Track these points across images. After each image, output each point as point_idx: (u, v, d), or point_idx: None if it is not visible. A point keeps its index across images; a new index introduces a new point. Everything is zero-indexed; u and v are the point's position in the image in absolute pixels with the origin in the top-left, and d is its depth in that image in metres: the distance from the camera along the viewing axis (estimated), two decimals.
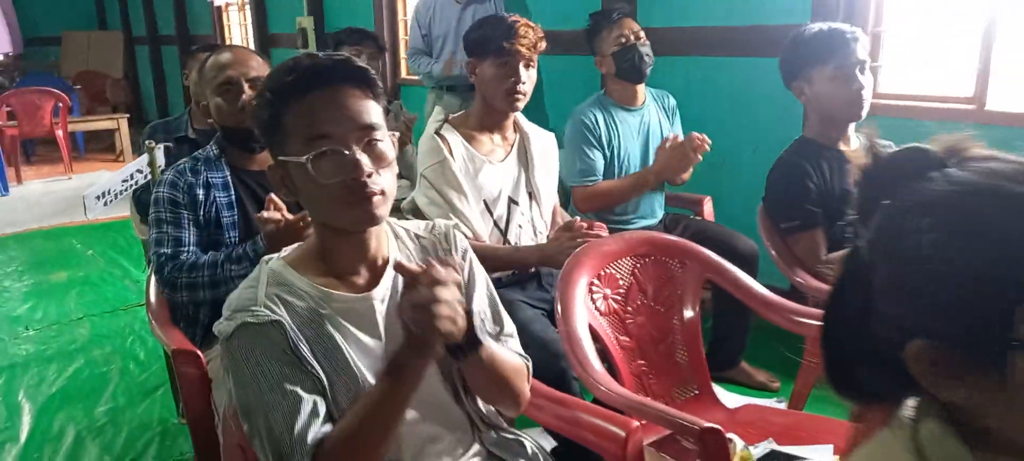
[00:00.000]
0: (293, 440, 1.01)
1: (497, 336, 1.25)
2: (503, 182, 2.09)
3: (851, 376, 0.68)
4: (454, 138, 2.03)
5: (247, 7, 6.75)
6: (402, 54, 5.21)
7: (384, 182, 1.08)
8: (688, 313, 1.75)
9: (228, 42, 7.50)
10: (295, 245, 1.21)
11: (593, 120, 2.56)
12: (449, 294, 0.98)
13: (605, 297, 1.66)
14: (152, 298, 1.81)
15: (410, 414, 1.13)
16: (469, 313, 1.07)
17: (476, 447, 1.22)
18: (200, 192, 1.75)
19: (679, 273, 1.77)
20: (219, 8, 7.25)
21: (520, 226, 2.11)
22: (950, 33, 2.68)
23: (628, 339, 1.67)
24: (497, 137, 2.11)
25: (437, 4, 3.90)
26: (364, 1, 5.31)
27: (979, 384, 0.59)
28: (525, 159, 2.14)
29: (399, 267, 1.02)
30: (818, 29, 2.06)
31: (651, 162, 2.59)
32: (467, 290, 1.23)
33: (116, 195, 2.03)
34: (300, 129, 1.06)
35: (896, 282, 0.62)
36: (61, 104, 6.70)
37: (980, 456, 0.62)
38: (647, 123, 2.66)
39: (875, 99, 2.84)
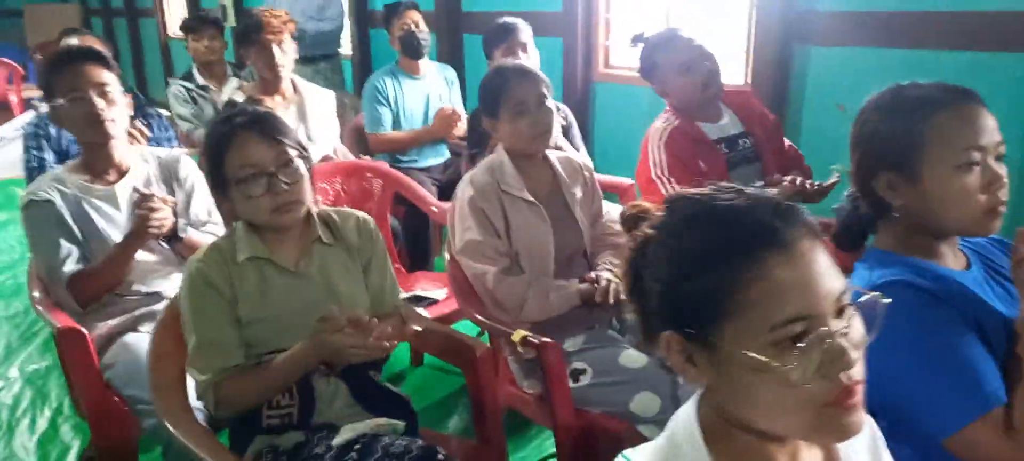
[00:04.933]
0: (56, 267, 1.88)
1: (204, 224, 2.12)
2: None
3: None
4: (242, 102, 2.88)
5: None
6: None
7: (112, 113, 1.93)
8: (385, 216, 2.64)
9: (166, 15, 8.29)
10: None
11: (383, 84, 3.41)
12: (158, 211, 1.87)
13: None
14: None
15: (138, 254, 2.01)
16: (176, 222, 1.95)
17: (179, 272, 2.08)
18: (53, 131, 2.63)
19: (376, 188, 2.65)
20: None
21: None
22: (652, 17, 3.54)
23: None
24: (278, 98, 2.95)
25: None
26: None
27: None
28: (303, 112, 2.99)
29: (135, 190, 1.90)
30: (503, 21, 2.92)
31: (431, 120, 3.47)
32: (188, 197, 2.10)
33: (7, 141, 2.89)
34: (64, 85, 1.90)
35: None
36: (13, 73, 7.47)
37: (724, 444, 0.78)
38: (428, 89, 3.51)
39: (606, 69, 3.73)
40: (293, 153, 1.47)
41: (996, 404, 1.01)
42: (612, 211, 2.79)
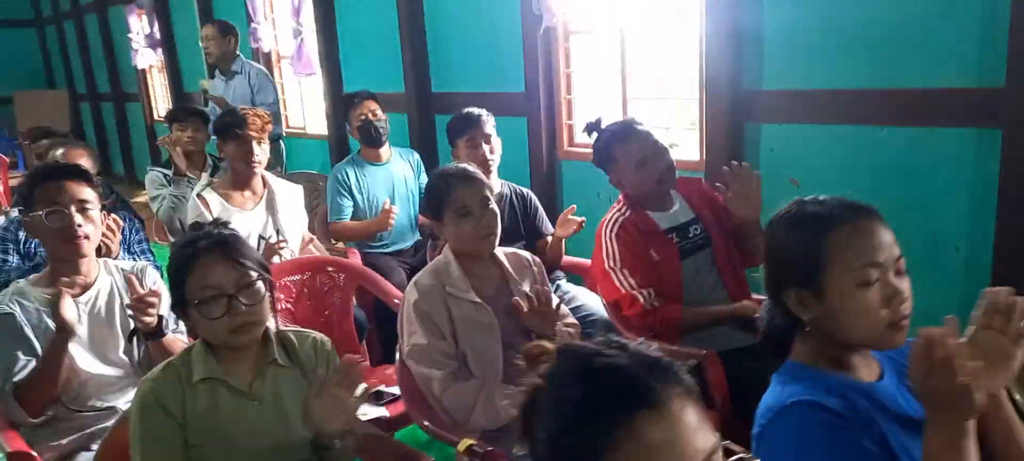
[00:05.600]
0: (10, 379, 1.90)
1: (174, 331, 2.14)
2: (253, 225, 2.98)
3: None
4: (212, 197, 2.93)
5: (165, 70, 7.68)
6: (282, 112, 6.21)
7: (88, 230, 1.98)
8: (348, 309, 2.66)
9: (152, 99, 8.45)
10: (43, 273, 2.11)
11: (345, 175, 3.48)
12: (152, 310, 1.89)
13: (278, 300, 2.56)
14: None
15: (96, 368, 2.02)
16: (161, 319, 1.96)
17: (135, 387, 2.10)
18: (22, 234, 2.67)
19: (340, 280, 2.68)
20: (143, 70, 8.16)
21: None
22: (609, 97, 3.64)
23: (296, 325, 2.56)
24: (247, 192, 3.00)
25: (213, 84, 5.06)
26: None
27: None
28: (272, 206, 3.04)
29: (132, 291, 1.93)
30: (467, 111, 3.00)
31: (396, 203, 3.52)
32: (162, 300, 2.13)
33: None
34: (44, 199, 1.95)
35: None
36: None
37: None
38: (392, 174, 3.57)
39: (570, 147, 3.81)
40: (254, 275, 1.50)
41: None
42: (579, 295, 2.85)
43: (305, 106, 6.09)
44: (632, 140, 2.28)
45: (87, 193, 2.00)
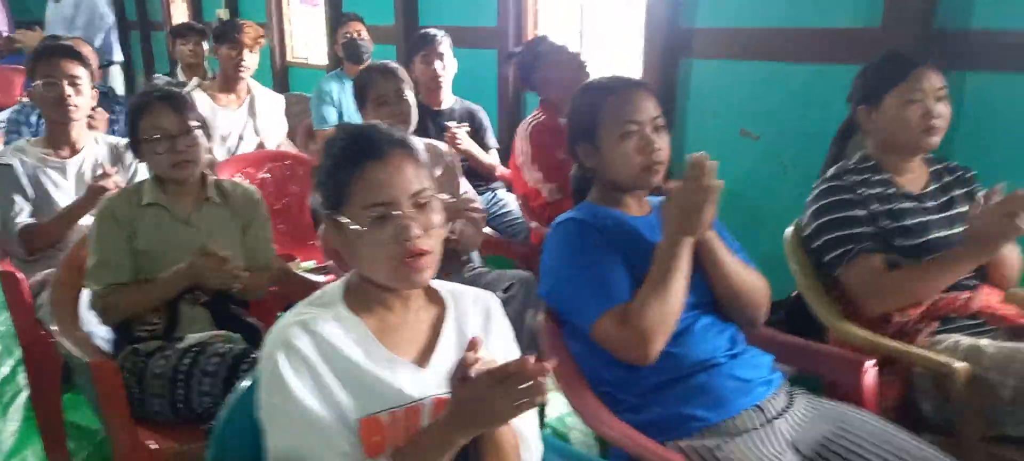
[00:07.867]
0: (10, 219, 2.29)
1: None
2: (235, 125, 3.36)
3: None
4: (201, 97, 3.29)
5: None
6: (288, 42, 6.57)
7: (78, 101, 2.37)
8: (305, 200, 3.02)
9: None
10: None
11: (329, 88, 3.83)
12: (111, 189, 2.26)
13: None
14: None
15: (87, 220, 2.41)
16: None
17: None
18: (33, 119, 3.07)
19: (299, 172, 3.04)
20: (167, 0, 8.56)
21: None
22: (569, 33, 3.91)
23: None
24: (233, 95, 3.38)
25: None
26: None
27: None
28: (253, 110, 3.41)
29: (101, 166, 2.33)
30: (423, 31, 3.32)
31: None
32: (131, 178, 2.51)
33: None
34: (42, 72, 2.36)
35: None
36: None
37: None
38: None
39: None
40: (194, 124, 1.86)
41: (617, 302, 1.36)
42: (510, 202, 3.19)
43: (309, 37, 6.42)
44: (560, 51, 2.70)
45: (78, 70, 2.39)
